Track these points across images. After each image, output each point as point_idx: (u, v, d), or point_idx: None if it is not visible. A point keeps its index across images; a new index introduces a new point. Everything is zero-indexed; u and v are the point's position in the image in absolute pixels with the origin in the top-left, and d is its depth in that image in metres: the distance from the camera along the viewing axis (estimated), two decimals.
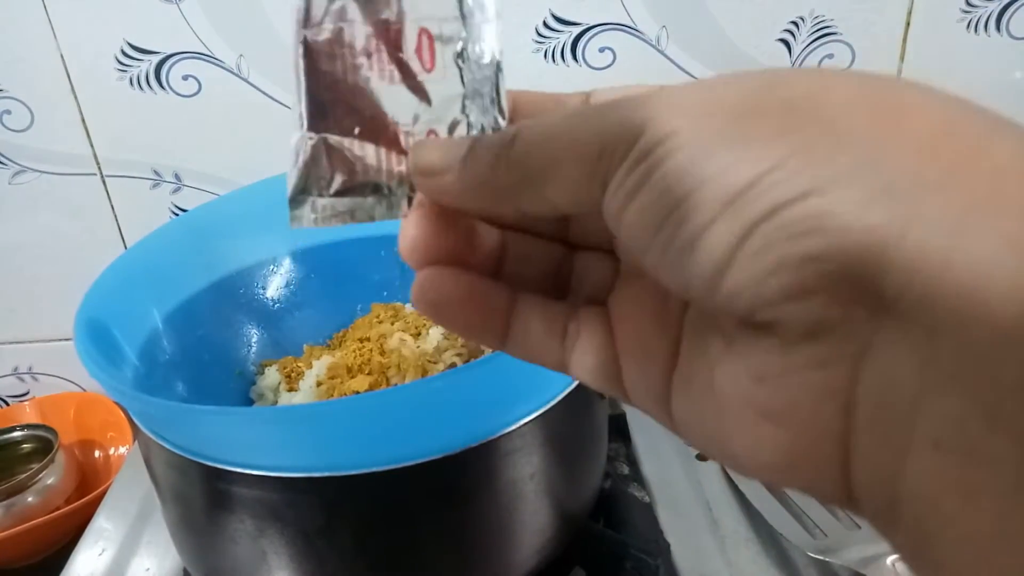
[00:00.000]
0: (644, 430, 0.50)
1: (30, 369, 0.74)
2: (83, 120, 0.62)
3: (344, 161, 0.18)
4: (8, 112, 0.62)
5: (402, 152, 0.18)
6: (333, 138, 0.18)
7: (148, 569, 0.43)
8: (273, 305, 0.48)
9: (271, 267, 0.48)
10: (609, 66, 0.61)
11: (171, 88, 0.61)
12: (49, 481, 0.61)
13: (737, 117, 0.13)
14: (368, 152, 0.18)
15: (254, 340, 0.47)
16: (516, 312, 0.17)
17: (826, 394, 0.12)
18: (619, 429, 0.50)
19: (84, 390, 0.74)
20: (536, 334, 0.17)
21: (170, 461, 0.32)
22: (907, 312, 0.11)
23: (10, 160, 0.64)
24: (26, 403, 0.72)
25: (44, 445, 0.64)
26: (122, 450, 0.68)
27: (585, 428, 0.37)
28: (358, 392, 0.39)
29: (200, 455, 0.30)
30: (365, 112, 0.18)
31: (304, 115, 0.18)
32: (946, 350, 0.10)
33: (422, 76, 0.18)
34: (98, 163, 0.64)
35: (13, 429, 0.65)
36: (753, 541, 0.41)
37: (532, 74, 0.61)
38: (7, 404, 0.76)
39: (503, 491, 0.33)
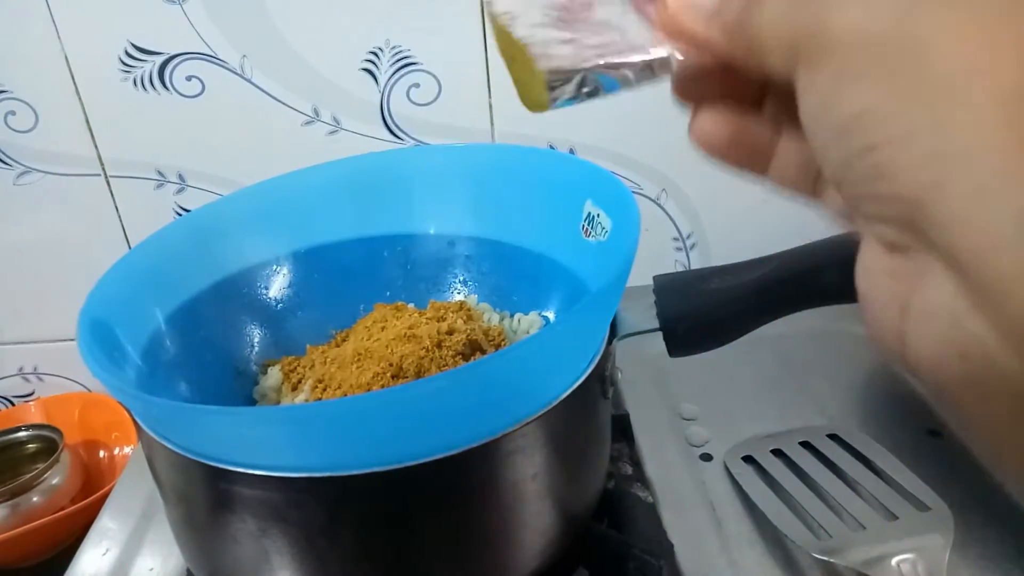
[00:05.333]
0: (648, 431, 0.49)
1: (35, 369, 0.75)
2: (87, 121, 0.62)
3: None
4: (12, 113, 0.62)
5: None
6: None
7: (152, 569, 0.43)
8: (276, 305, 0.48)
9: (274, 267, 0.48)
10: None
11: (175, 89, 0.61)
12: (54, 481, 0.61)
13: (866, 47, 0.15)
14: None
15: (257, 340, 0.47)
16: (777, 149, 0.21)
17: (892, 297, 0.16)
18: (622, 430, 0.49)
19: (89, 390, 0.75)
20: (792, 168, 0.20)
21: (172, 461, 0.32)
22: (942, 255, 0.14)
23: (15, 161, 0.64)
24: (31, 403, 0.72)
25: (49, 445, 0.64)
26: (126, 450, 0.69)
27: (588, 428, 0.37)
28: (361, 385, 0.39)
29: (202, 455, 0.30)
30: None
31: None
32: (968, 289, 0.14)
33: None
34: (102, 164, 0.64)
35: (18, 429, 0.66)
36: (757, 542, 0.41)
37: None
38: (12, 404, 0.76)
39: (505, 491, 0.33)
